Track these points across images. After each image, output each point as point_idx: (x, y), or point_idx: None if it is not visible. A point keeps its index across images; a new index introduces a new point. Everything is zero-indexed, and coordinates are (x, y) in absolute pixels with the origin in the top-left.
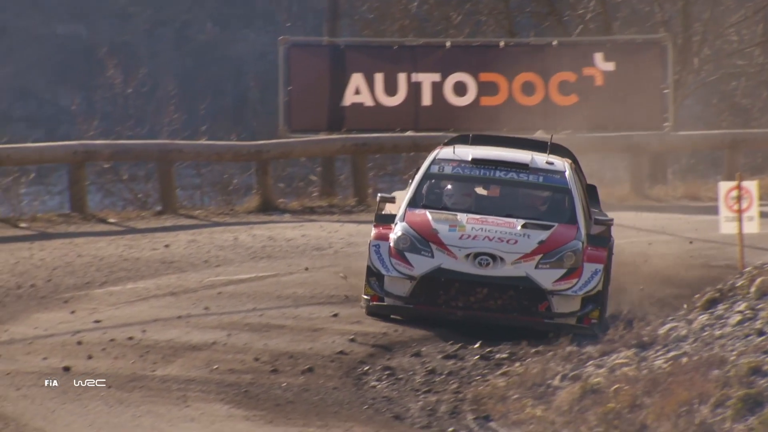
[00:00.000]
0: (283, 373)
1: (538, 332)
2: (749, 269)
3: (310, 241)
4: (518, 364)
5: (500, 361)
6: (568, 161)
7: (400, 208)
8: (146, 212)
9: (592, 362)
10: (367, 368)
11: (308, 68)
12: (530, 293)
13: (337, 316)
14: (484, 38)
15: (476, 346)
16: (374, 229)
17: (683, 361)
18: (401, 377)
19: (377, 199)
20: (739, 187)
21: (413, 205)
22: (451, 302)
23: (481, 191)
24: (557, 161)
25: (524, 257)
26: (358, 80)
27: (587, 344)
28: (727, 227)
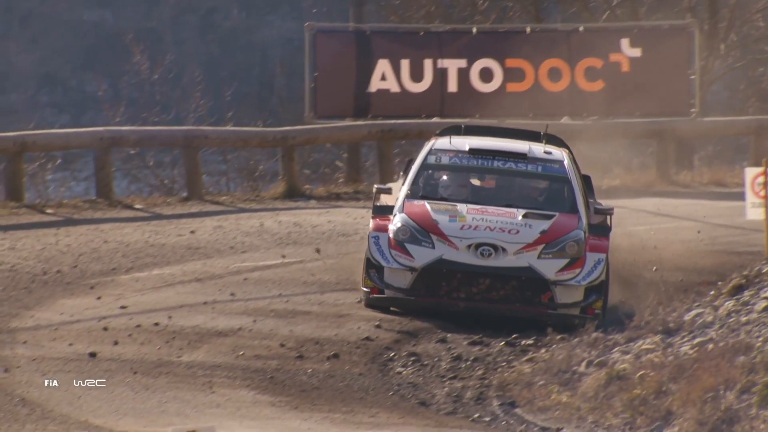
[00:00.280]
0: (308, 359)
1: (540, 323)
2: None
3: (335, 227)
4: (544, 350)
5: (526, 347)
6: (565, 151)
7: (397, 199)
8: (172, 198)
9: (617, 348)
10: (392, 354)
11: (334, 54)
12: (533, 283)
13: (362, 302)
14: (510, 24)
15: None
16: (372, 220)
17: (709, 347)
18: (427, 363)
19: (373, 190)
20: (765, 173)
21: (411, 196)
22: (452, 293)
23: (476, 182)
24: (555, 151)
25: (526, 247)
26: (384, 66)
27: (613, 330)
28: (753, 213)
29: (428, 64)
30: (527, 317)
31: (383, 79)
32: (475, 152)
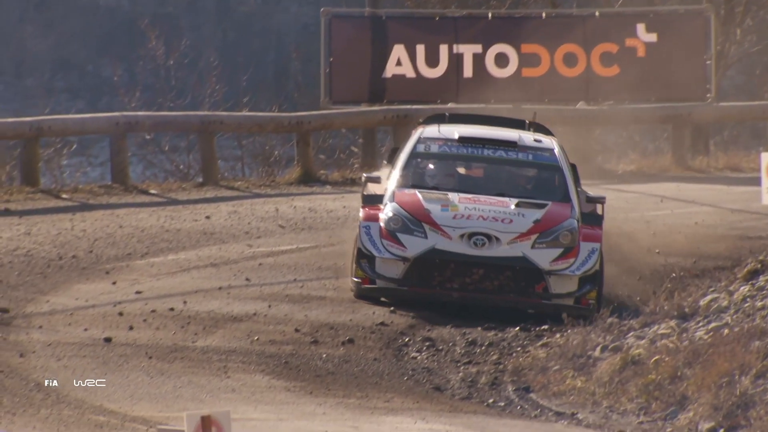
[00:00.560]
0: (323, 344)
1: (534, 314)
2: None
3: (350, 212)
4: (558, 335)
5: (540, 332)
6: (555, 139)
7: (387, 188)
8: (187, 183)
9: (632, 333)
10: (407, 339)
11: (350, 39)
12: (527, 273)
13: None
14: (525, 9)
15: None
16: (362, 210)
17: (724, 332)
18: (441, 348)
19: (362, 179)
20: None
21: (401, 185)
22: (446, 284)
23: (465, 170)
24: (545, 139)
25: (520, 237)
26: (399, 51)
27: (628, 315)
28: None
29: (443, 49)
30: (521, 308)
31: (398, 64)
32: (464, 140)
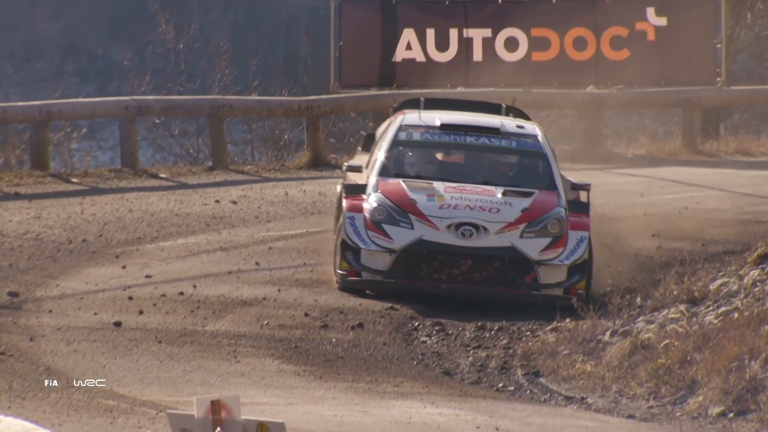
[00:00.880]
0: (333, 328)
1: (522, 305)
2: None
3: None
4: (568, 319)
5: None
6: (536, 124)
7: (369, 177)
8: (197, 168)
9: (642, 318)
10: (417, 324)
11: (360, 23)
12: (516, 264)
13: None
14: None
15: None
16: (345, 200)
17: (734, 316)
18: (451, 333)
19: (343, 168)
20: None
21: (384, 174)
22: (433, 275)
23: (448, 158)
24: (527, 125)
25: (508, 226)
26: (409, 35)
27: (638, 300)
28: None
29: (453, 33)
30: (510, 299)
31: (408, 48)
32: (446, 128)
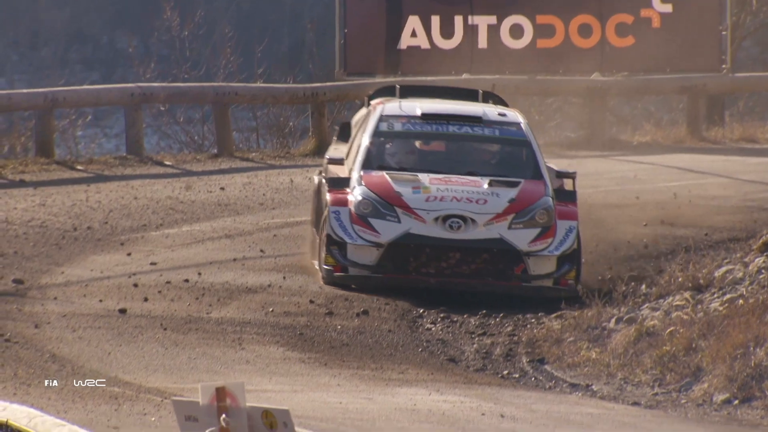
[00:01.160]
0: (338, 315)
1: (512, 298)
2: None
3: None
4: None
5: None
6: (518, 111)
7: (352, 170)
8: (202, 155)
9: (647, 305)
10: (422, 311)
11: (365, 10)
12: (505, 256)
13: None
14: None
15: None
16: (329, 194)
17: (739, 303)
18: (456, 320)
19: (325, 161)
20: None
21: (367, 166)
22: (421, 269)
23: (429, 149)
24: (509, 113)
25: (496, 218)
26: (414, 23)
27: (643, 287)
28: None
29: (458, 20)
30: (500, 291)
31: (413, 35)
32: (428, 117)
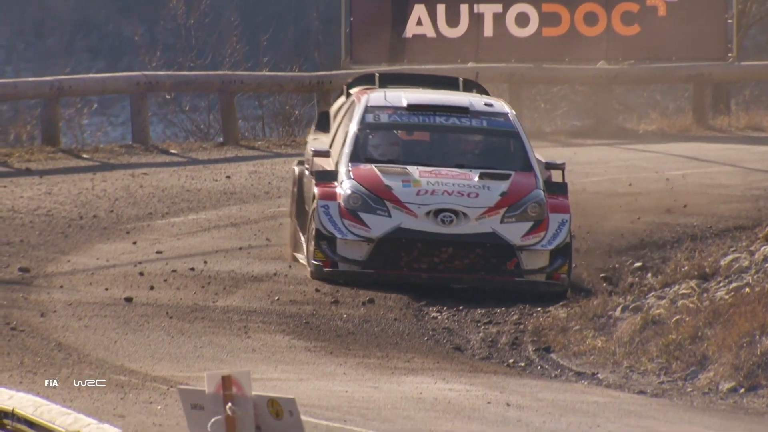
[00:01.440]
0: (344, 304)
1: (504, 293)
2: None
3: None
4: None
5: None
6: (504, 101)
7: (339, 163)
8: (208, 143)
9: (653, 294)
10: (428, 299)
11: None
12: (498, 250)
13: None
14: None
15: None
16: (317, 188)
17: (745, 291)
18: (462, 309)
19: (310, 154)
20: None
21: (355, 159)
22: (413, 264)
23: (416, 141)
24: (496, 103)
25: (488, 211)
26: (420, 11)
27: (649, 276)
28: None
29: (464, 9)
30: (492, 286)
31: (419, 24)
32: (414, 108)
